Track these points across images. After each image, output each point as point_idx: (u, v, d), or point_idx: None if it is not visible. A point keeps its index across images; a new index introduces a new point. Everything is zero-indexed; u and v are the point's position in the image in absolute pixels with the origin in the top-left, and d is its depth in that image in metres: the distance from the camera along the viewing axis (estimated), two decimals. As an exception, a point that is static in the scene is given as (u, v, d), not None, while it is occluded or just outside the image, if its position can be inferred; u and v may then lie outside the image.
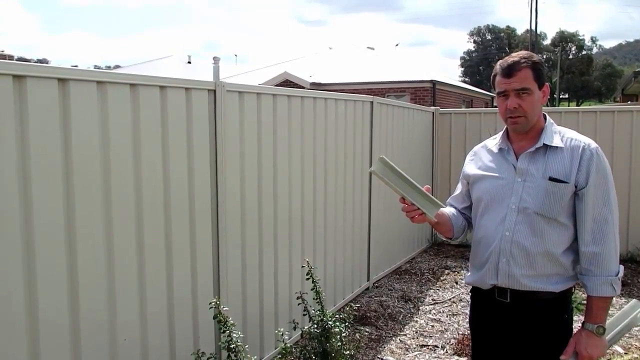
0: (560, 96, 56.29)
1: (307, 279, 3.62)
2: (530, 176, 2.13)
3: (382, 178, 2.10)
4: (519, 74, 2.09)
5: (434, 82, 18.76)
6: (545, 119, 2.20)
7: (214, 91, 3.49)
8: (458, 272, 6.40)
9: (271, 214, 4.06)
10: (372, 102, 5.76)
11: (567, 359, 2.06)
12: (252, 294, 3.86)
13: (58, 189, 2.46)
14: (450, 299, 5.51)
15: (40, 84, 2.38)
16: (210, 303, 2.91)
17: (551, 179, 2.08)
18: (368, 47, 26.80)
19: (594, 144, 2.10)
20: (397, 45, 38.10)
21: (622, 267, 2.09)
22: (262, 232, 3.95)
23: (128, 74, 2.92)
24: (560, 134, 2.15)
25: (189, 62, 31.18)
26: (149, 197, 2.96)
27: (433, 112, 7.91)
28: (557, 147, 2.11)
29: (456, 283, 6.00)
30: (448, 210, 2.45)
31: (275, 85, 17.90)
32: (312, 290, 3.54)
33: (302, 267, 3.81)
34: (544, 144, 2.12)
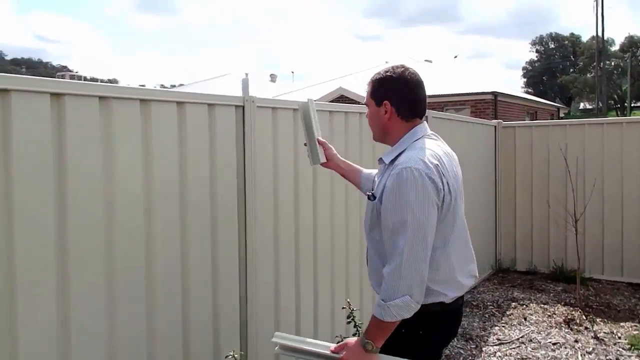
0: (632, 105, 53.35)
1: (349, 322, 3.13)
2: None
3: (302, 117, 2.65)
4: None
5: (495, 94, 17.88)
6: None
7: (242, 107, 3.09)
8: (527, 306, 5.67)
9: (310, 249, 3.60)
10: (426, 117, 5.22)
11: (334, 352, 2.05)
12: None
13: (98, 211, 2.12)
14: (518, 338, 4.83)
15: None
16: (227, 357, 2.45)
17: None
18: (426, 60, 26.11)
19: (410, 164, 1.96)
20: (455, 57, 37.14)
21: (407, 298, 1.89)
22: (299, 269, 3.50)
23: (143, 90, 2.57)
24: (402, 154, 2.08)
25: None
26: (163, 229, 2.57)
27: (495, 126, 7.27)
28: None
29: (525, 319, 5.29)
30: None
31: (331, 101, 17.56)
32: (354, 335, 3.05)
33: (343, 308, 3.32)
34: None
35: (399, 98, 2.14)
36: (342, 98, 18.66)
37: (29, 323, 2.05)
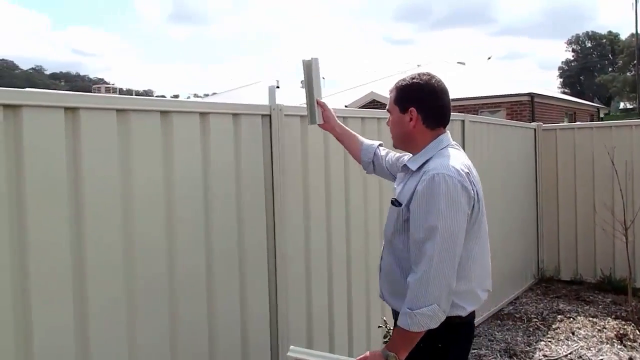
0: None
1: (385, 342, 2.95)
2: None
3: (304, 75, 2.68)
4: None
5: (532, 95, 17.39)
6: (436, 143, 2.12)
7: (269, 116, 2.94)
8: (574, 319, 5.35)
9: (343, 263, 3.42)
10: (463, 121, 5.00)
11: None
12: None
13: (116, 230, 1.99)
14: (567, 355, 4.54)
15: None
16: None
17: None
18: (458, 62, 25.68)
19: (442, 170, 1.93)
20: (489, 58, 36.43)
21: (435, 306, 1.84)
22: (332, 284, 3.32)
23: (162, 101, 2.44)
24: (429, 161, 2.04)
25: (278, 87, 31.55)
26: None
27: (535, 129, 6.96)
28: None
29: (572, 334, 4.97)
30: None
31: (362, 106, 17.37)
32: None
33: (379, 327, 3.14)
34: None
35: (425, 105, 2.11)
36: (374, 103, 18.44)
37: (46, 335, 1.95)
